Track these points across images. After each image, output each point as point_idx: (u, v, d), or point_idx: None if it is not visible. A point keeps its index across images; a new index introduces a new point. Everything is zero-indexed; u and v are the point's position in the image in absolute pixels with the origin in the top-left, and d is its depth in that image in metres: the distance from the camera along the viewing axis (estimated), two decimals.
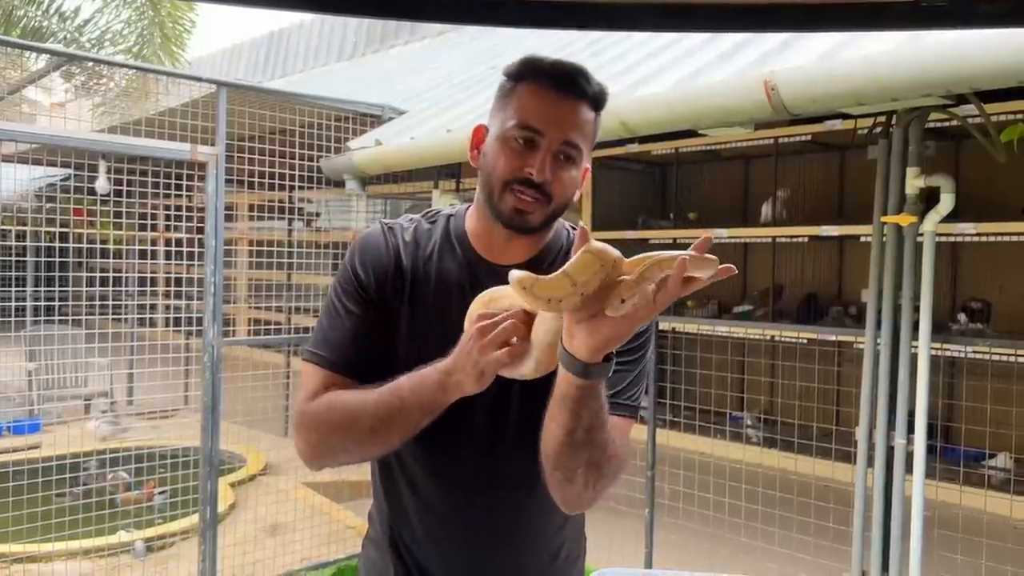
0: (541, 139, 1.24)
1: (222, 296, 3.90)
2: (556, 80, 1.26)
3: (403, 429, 1.20)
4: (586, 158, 1.30)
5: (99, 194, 4.74)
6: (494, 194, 1.27)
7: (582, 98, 1.27)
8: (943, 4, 1.08)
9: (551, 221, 1.31)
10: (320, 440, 1.26)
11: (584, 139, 1.27)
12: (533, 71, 1.27)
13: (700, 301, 6.68)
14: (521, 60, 1.29)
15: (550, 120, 1.24)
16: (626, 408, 1.27)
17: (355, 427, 1.22)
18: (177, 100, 4.26)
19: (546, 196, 1.25)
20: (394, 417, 1.19)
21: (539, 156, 1.24)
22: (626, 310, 0.98)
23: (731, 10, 1.17)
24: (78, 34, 9.10)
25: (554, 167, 1.25)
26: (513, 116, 1.26)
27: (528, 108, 1.25)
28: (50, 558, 3.96)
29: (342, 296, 1.32)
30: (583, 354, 1.04)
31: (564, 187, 1.27)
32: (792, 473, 4.17)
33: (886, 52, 2.80)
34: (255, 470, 5.59)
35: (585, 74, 1.27)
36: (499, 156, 1.26)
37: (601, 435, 1.14)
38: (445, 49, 9.33)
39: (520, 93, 1.27)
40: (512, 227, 1.28)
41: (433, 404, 1.17)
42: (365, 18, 9.81)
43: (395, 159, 4.81)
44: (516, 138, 1.25)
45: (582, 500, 1.24)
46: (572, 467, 1.16)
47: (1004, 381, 4.34)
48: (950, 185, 3.17)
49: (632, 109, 3.54)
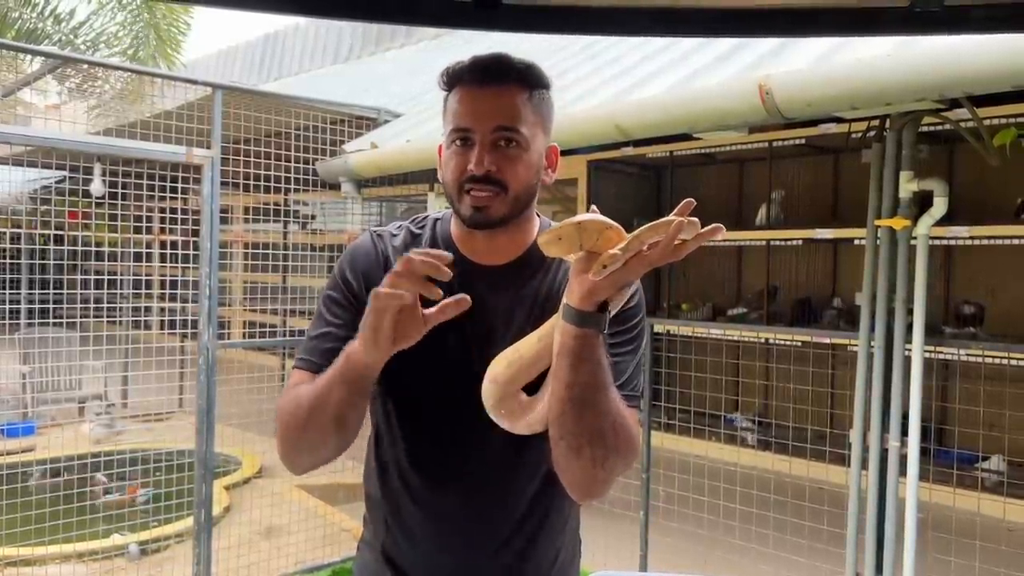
0: (474, 135, 1.26)
1: (217, 298, 3.90)
2: (474, 75, 1.28)
3: (331, 409, 1.18)
4: (538, 137, 1.30)
5: (94, 196, 4.74)
6: (455, 203, 1.29)
7: (505, 82, 1.27)
8: (936, 9, 1.09)
9: (517, 210, 1.30)
10: (282, 433, 1.27)
11: (522, 120, 1.27)
12: (457, 75, 1.29)
13: (695, 303, 6.69)
14: (444, 70, 1.31)
15: (475, 114, 1.26)
16: (631, 398, 1.27)
17: (299, 414, 1.22)
18: (172, 102, 4.26)
19: (500, 187, 1.26)
20: (321, 396, 1.18)
21: (475, 151, 1.25)
22: (604, 275, 1.07)
23: (725, 15, 1.18)
24: (73, 36, 9.09)
25: (495, 156, 1.25)
26: (449, 124, 1.29)
27: (457, 111, 1.28)
28: (44, 561, 3.95)
29: (331, 305, 1.33)
30: (575, 301, 1.10)
31: (515, 171, 1.27)
32: (786, 475, 4.18)
33: (880, 56, 2.81)
34: (250, 473, 5.58)
35: (502, 59, 1.28)
36: (447, 165, 1.29)
37: (602, 398, 1.14)
38: (440, 52, 9.34)
39: (451, 101, 1.30)
40: (477, 225, 1.29)
41: (346, 375, 1.16)
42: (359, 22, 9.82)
43: (391, 162, 4.81)
44: (454, 141, 1.28)
45: (593, 481, 1.21)
46: (576, 432, 1.15)
47: (997, 384, 4.35)
48: (943, 188, 3.18)
49: (627, 112, 3.55)
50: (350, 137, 5.06)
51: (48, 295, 5.24)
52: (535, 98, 1.30)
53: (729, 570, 3.84)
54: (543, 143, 1.32)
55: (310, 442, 1.24)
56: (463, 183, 1.26)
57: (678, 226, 1.03)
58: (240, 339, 7.48)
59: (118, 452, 5.05)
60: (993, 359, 4.33)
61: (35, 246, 6.12)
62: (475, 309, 1.14)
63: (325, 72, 11.70)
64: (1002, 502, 4.02)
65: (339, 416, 1.19)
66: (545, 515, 1.39)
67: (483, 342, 1.30)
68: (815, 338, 5.09)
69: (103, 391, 6.90)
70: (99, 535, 4.10)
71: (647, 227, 1.05)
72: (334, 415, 1.19)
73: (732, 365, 6.11)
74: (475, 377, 1.26)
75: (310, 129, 4.79)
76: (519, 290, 1.34)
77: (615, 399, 1.17)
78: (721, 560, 3.96)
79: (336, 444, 1.24)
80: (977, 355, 4.29)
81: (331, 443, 1.23)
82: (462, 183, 1.27)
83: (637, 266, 1.06)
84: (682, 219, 1.04)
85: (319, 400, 1.19)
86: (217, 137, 3.91)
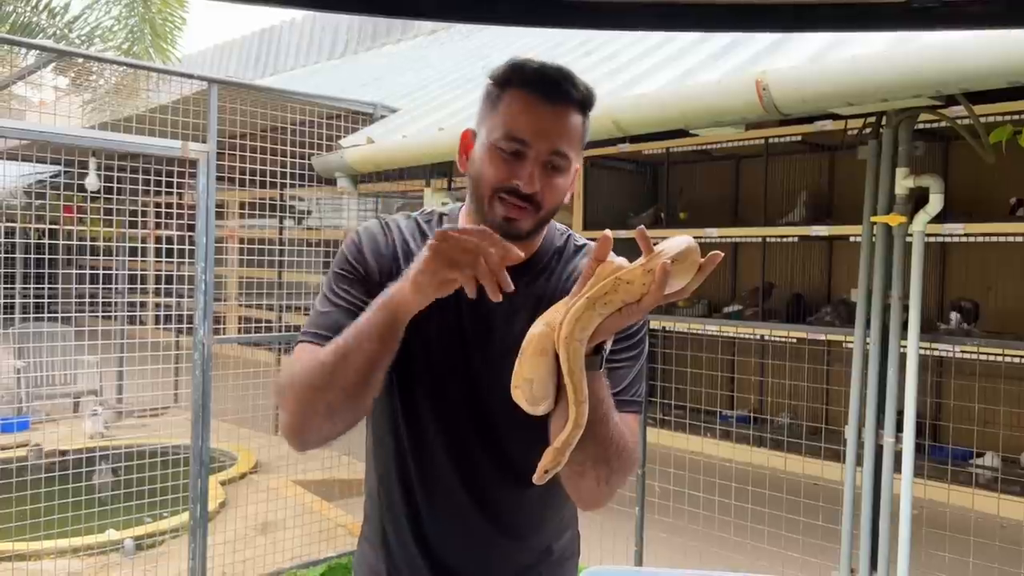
0: (529, 150, 1.23)
1: (212, 294, 3.89)
2: (542, 88, 1.24)
3: (358, 361, 1.15)
4: (576, 161, 1.30)
5: (89, 191, 4.72)
6: (484, 203, 1.26)
7: (569, 104, 1.25)
8: (933, 5, 1.09)
9: (541, 226, 1.31)
10: (293, 399, 1.21)
11: (572, 146, 1.27)
12: (519, 77, 1.26)
13: (690, 300, 6.70)
14: (507, 64, 1.27)
15: (537, 131, 1.23)
16: (632, 404, 1.28)
17: (317, 372, 1.17)
18: (168, 97, 4.25)
19: (535, 205, 1.25)
20: (348, 348, 1.15)
21: (527, 168, 1.23)
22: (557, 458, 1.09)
23: (721, 10, 1.17)
24: (68, 30, 9.06)
25: (542, 177, 1.24)
26: (500, 125, 1.25)
27: (515, 118, 1.24)
28: (39, 556, 3.95)
29: (341, 281, 1.30)
30: None
31: (554, 194, 1.26)
32: (781, 471, 4.19)
33: (876, 53, 2.82)
34: (245, 468, 5.58)
35: (571, 78, 1.26)
36: (487, 165, 1.25)
37: (602, 429, 1.15)
38: (437, 47, 9.32)
39: (507, 101, 1.26)
40: (502, 235, 1.27)
41: (379, 324, 1.13)
42: (356, 15, 9.80)
43: (387, 157, 4.80)
44: (504, 148, 1.24)
45: (598, 496, 1.23)
46: (578, 460, 1.15)
47: (992, 380, 4.37)
48: (939, 185, 3.19)
49: (624, 108, 3.55)
50: (346, 132, 5.05)
51: (43, 290, 5.23)
52: (585, 123, 1.30)
53: (724, 565, 3.85)
54: (576, 165, 1.31)
55: (328, 404, 1.18)
56: (500, 190, 1.24)
57: (663, 270, 1.02)
58: (235, 335, 7.46)
59: (113, 447, 5.04)
60: (988, 356, 4.34)
61: (30, 241, 6.10)
62: (476, 310, 1.14)
63: (321, 67, 11.67)
64: (996, 498, 4.04)
65: (365, 372, 1.15)
66: (543, 510, 1.40)
67: (483, 343, 1.30)
68: (810, 335, 5.10)
69: (98, 386, 6.90)
70: (94, 530, 4.09)
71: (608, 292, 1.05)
72: (361, 370, 1.15)
73: (727, 361, 6.12)
74: (474, 376, 1.26)
75: (306, 124, 4.77)
76: (522, 292, 1.34)
77: (616, 424, 1.17)
78: (716, 556, 3.97)
79: (353, 409, 1.20)
80: (972, 352, 4.31)
81: (349, 407, 1.19)
82: (499, 190, 1.24)
83: (627, 316, 1.06)
84: (666, 264, 1.02)
85: (345, 355, 1.15)
86: (213, 132, 3.90)
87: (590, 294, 1.05)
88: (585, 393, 1.07)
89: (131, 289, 7.06)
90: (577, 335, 1.05)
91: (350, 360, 1.15)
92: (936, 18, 1.12)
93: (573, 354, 1.05)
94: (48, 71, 5.24)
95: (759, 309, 6.02)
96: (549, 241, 1.38)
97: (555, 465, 1.07)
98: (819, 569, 3.70)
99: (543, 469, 1.07)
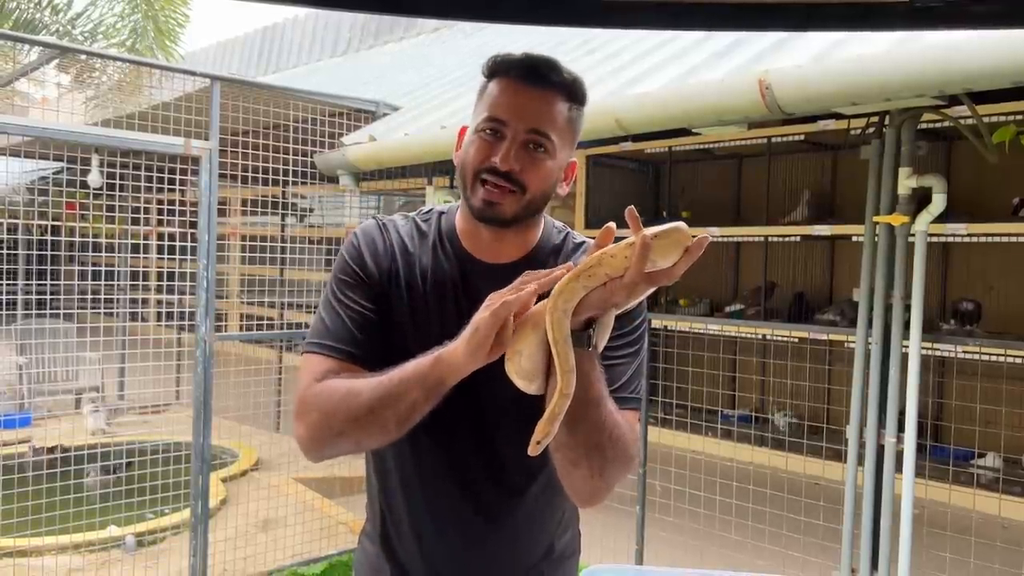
0: (507, 129, 1.25)
1: (214, 291, 3.90)
2: (522, 71, 1.27)
3: (401, 409, 1.16)
4: (564, 149, 1.30)
5: (92, 188, 4.72)
6: (467, 187, 1.28)
7: (549, 88, 1.27)
8: (937, 4, 1.09)
9: (528, 214, 1.30)
10: (321, 420, 1.22)
11: (556, 129, 1.27)
12: (502, 66, 1.29)
13: (692, 300, 6.70)
14: (492, 57, 1.30)
15: (515, 109, 1.25)
16: (631, 401, 1.28)
17: (354, 405, 1.18)
18: (170, 94, 4.25)
19: (518, 187, 1.25)
20: (392, 394, 1.16)
21: (504, 145, 1.25)
22: (548, 433, 1.09)
23: (725, 9, 1.17)
24: (71, 27, 9.07)
25: (523, 156, 1.25)
26: (483, 111, 1.28)
27: (495, 100, 1.27)
28: (40, 552, 3.95)
29: (342, 286, 1.31)
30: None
31: (539, 177, 1.26)
32: (782, 471, 4.19)
33: (880, 53, 2.81)
34: (247, 465, 5.58)
35: (553, 65, 1.28)
36: (469, 148, 1.28)
37: (595, 412, 1.15)
38: (439, 45, 9.32)
39: (490, 88, 1.29)
40: (484, 219, 1.28)
41: (428, 380, 1.15)
42: (360, 12, 9.80)
43: (389, 155, 4.81)
44: (484, 130, 1.26)
45: (594, 490, 1.23)
46: (570, 445, 1.16)
47: (993, 381, 4.36)
48: (942, 185, 3.18)
49: (627, 107, 3.54)
50: (348, 130, 5.05)
51: (45, 287, 5.23)
52: (572, 111, 1.30)
53: (725, 564, 3.85)
54: (566, 156, 1.32)
55: (359, 437, 1.21)
56: (481, 172, 1.26)
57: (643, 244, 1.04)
58: (237, 332, 7.47)
59: (115, 444, 5.04)
60: (989, 356, 4.34)
61: (32, 237, 6.11)
62: (474, 306, 1.14)
63: (324, 65, 11.67)
64: (997, 499, 4.04)
65: (407, 418, 1.17)
66: (543, 509, 1.40)
67: None
68: (812, 334, 5.10)
69: (100, 383, 6.90)
70: (95, 526, 4.10)
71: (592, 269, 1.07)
72: (404, 415, 1.17)
73: (729, 361, 6.12)
74: (473, 376, 1.26)
75: (308, 122, 4.77)
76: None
77: (611, 411, 1.17)
78: (717, 555, 3.97)
79: (382, 442, 1.24)
80: (973, 352, 4.30)
81: (379, 440, 1.23)
82: (480, 172, 1.26)
83: (616, 293, 1.07)
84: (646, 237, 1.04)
85: (389, 398, 1.16)
86: (215, 129, 3.90)
87: (576, 268, 1.08)
88: (571, 364, 1.08)
89: (133, 286, 7.06)
90: (561, 305, 1.07)
91: (392, 406, 1.17)
92: (939, 18, 1.12)
93: (556, 323, 1.07)
94: (51, 68, 5.25)
95: (761, 308, 6.02)
96: (547, 238, 1.38)
97: (545, 435, 1.08)
98: (820, 569, 3.70)
99: (535, 441, 1.08)
